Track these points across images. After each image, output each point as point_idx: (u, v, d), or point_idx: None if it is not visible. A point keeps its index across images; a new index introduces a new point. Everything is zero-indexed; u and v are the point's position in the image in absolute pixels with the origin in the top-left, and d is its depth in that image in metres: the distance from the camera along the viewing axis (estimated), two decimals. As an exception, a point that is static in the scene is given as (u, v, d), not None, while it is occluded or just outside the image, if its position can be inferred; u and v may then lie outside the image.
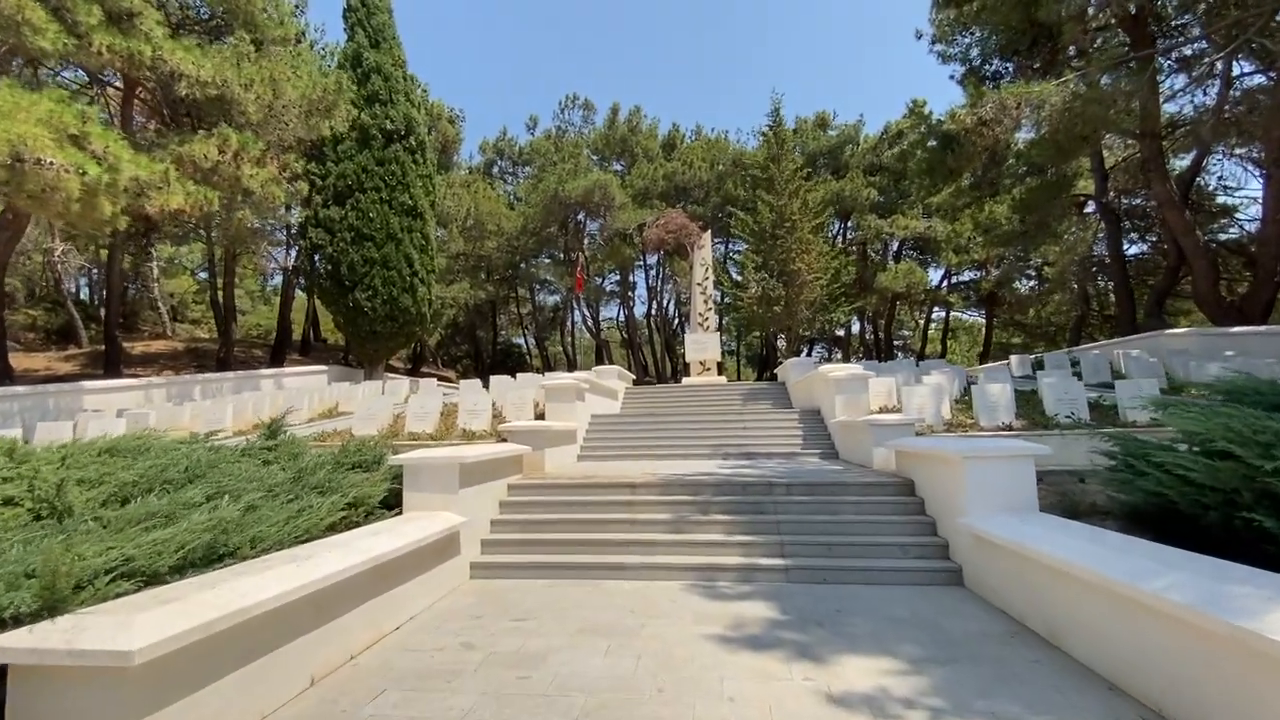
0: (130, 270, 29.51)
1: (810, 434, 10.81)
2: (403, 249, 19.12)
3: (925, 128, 17.42)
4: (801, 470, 7.91)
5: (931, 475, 5.99)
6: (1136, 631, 3.18)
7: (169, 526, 3.80)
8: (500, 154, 38.18)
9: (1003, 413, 8.80)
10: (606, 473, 7.97)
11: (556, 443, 9.16)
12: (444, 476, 5.71)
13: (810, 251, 21.19)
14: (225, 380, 16.93)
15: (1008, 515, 4.87)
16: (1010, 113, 11.80)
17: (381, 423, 10.32)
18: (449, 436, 9.62)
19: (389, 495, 5.88)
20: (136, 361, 21.83)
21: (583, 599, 5.07)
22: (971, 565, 5.12)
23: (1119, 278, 19.30)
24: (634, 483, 6.86)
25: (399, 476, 5.86)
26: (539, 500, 6.82)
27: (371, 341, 19.32)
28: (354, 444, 6.88)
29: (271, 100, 14.09)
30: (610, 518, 6.38)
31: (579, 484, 7.00)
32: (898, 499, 6.34)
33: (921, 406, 9.16)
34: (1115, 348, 16.75)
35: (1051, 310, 29.18)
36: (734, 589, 5.24)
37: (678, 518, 6.27)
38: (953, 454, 5.32)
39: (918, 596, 4.98)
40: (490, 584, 5.61)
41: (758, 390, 16.30)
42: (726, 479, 7.02)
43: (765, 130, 23.41)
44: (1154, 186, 15.59)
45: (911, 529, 5.93)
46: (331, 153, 19.11)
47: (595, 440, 11.20)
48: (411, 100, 20.32)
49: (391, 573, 4.47)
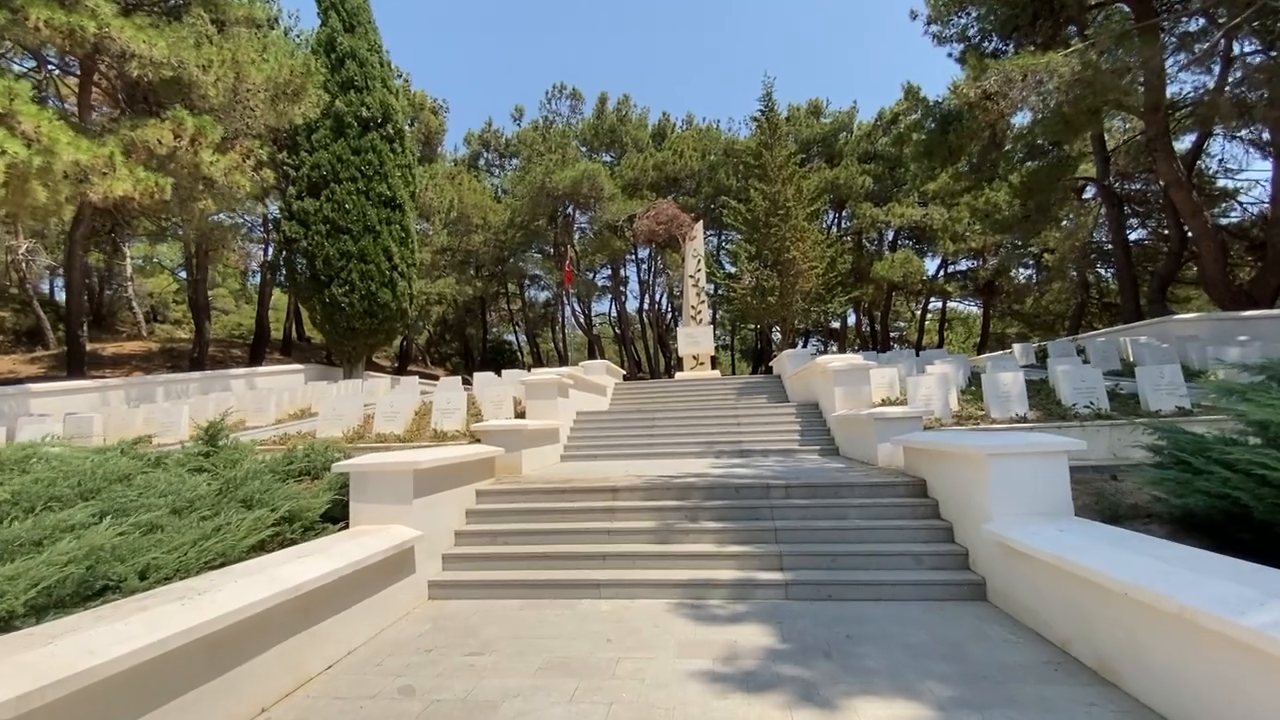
0: (103, 268, 28.60)
1: (808, 429, 10.19)
2: (381, 242, 18.32)
3: (923, 109, 16.75)
4: (800, 469, 7.26)
5: (948, 474, 5.34)
6: (1232, 678, 2.53)
7: (35, 556, 3.10)
8: (486, 145, 37.31)
9: (1016, 403, 8.16)
10: (588, 475, 7.30)
11: (536, 443, 8.48)
12: (396, 484, 5.03)
13: (805, 239, 20.52)
14: (192, 381, 16.12)
15: (1040, 521, 4.23)
16: (1016, 85, 11.11)
17: (349, 424, 9.59)
18: (419, 438, 8.92)
19: (334, 507, 5.19)
20: (107, 363, 20.99)
21: (553, 624, 4.41)
22: (997, 578, 4.48)
23: (1122, 263, 18.72)
24: (616, 486, 6.19)
25: (347, 485, 5.17)
26: (510, 508, 6.14)
27: (350, 339, 18.53)
28: (304, 449, 6.18)
29: (234, 84, 13.28)
30: (588, 527, 5.71)
31: (555, 489, 6.32)
32: (908, 501, 5.69)
33: (928, 398, 8.52)
34: (1121, 334, 16.20)
35: (1051, 299, 28.63)
36: (726, 609, 4.58)
37: (664, 526, 5.61)
38: (974, 451, 4.67)
39: (936, 615, 4.34)
40: (450, 606, 4.94)
41: (752, 384, 15.67)
42: (719, 480, 6.36)
43: (757, 115, 22.70)
44: (1160, 166, 14.98)
45: (925, 535, 5.29)
46: (305, 142, 18.29)
47: (580, 439, 10.55)
48: (389, 87, 19.49)
49: (321, 601, 3.79)
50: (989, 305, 32.45)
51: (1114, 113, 19.18)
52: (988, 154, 16.71)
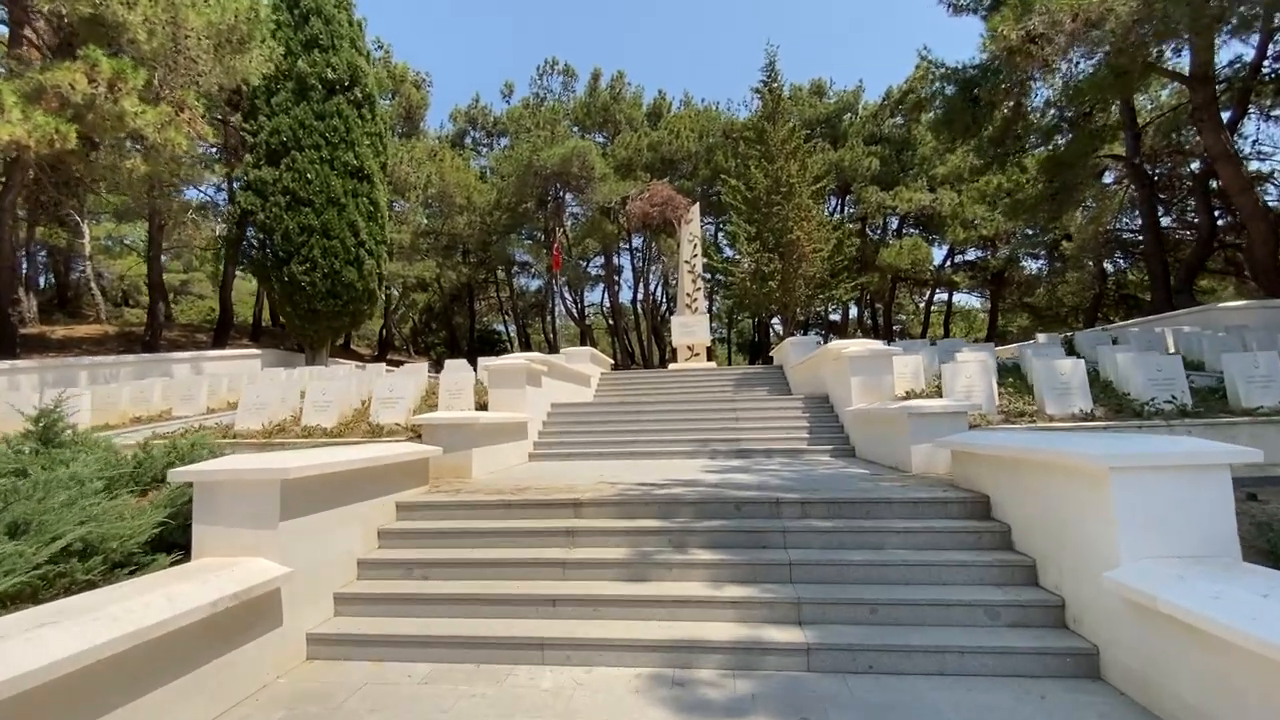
0: (65, 247, 26.96)
1: (818, 426, 8.75)
2: (346, 215, 16.71)
3: (943, 75, 15.19)
4: (815, 477, 5.80)
5: (1030, 491, 3.88)
6: None
7: None
8: (473, 123, 35.54)
9: (1077, 397, 6.69)
10: (552, 481, 5.84)
11: (493, 439, 7.01)
12: (257, 499, 3.55)
13: (810, 219, 18.96)
14: (124, 365, 14.53)
15: (1202, 571, 2.78)
16: (1064, 28, 9.59)
17: (271, 415, 8.06)
18: (352, 433, 7.41)
19: (171, 530, 3.70)
20: (54, 346, 19.41)
21: (466, 714, 2.95)
22: (1125, 650, 3.03)
23: (1152, 248, 17.26)
24: (580, 500, 4.72)
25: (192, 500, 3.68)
26: (438, 528, 4.66)
27: (311, 321, 16.93)
28: (165, 446, 4.68)
29: (171, 28, 11.66)
30: (538, 556, 4.25)
31: (502, 501, 4.84)
32: (967, 526, 4.24)
33: (969, 388, 7.04)
34: (1157, 324, 14.81)
35: (1067, 289, 27.17)
36: (723, 689, 3.13)
37: (639, 556, 4.15)
38: (1084, 461, 3.21)
39: (1033, 706, 2.90)
40: (331, 673, 3.47)
41: (752, 375, 14.23)
42: (714, 492, 4.90)
43: (759, 85, 21.10)
44: (1206, 138, 13.51)
45: (997, 576, 3.84)
46: (265, 106, 16.63)
47: (554, 435, 9.10)
48: (358, 48, 17.82)
49: (88, 692, 2.32)
50: (997, 297, 31.01)
51: (1143, 87, 17.73)
52: (1011, 126, 15.19)
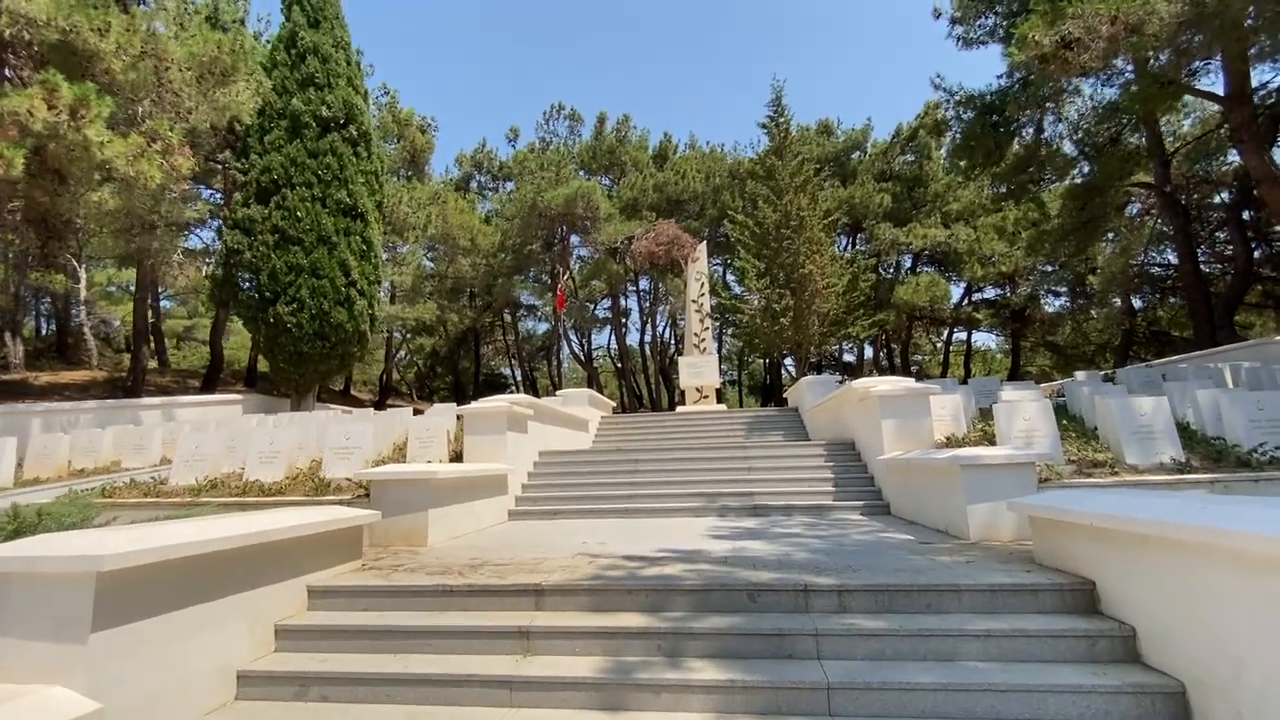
0: (61, 291, 26.68)
1: (843, 477, 7.56)
2: (338, 254, 16.01)
3: (958, 101, 14.50)
4: (850, 547, 4.61)
5: (1163, 582, 2.69)
6: None
7: None
8: (479, 167, 35.52)
9: (1164, 443, 5.48)
10: (516, 554, 4.69)
11: (459, 496, 5.88)
12: (60, 600, 2.47)
13: (822, 253, 18.04)
14: (83, 411, 13.63)
15: None
16: (1101, 33, 8.77)
17: (212, 468, 7.00)
18: (297, 490, 6.31)
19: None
20: (34, 392, 18.66)
21: None
22: None
23: (1191, 281, 16.08)
24: (541, 585, 3.57)
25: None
26: (355, 625, 3.51)
27: (297, 365, 16.04)
28: (11, 511, 3.63)
29: (152, 62, 11.21)
30: (476, 673, 3.08)
31: (440, 586, 3.70)
32: (1072, 627, 3.04)
33: (1028, 433, 5.85)
34: (1208, 360, 13.54)
35: (1095, 327, 25.87)
36: None
37: (615, 673, 2.98)
38: (1265, 545, 2.06)
39: None
40: None
41: (764, 419, 13.07)
42: (721, 573, 3.74)
43: (766, 120, 20.58)
44: (1250, 160, 12.55)
45: (1129, 708, 2.62)
46: (257, 144, 16.22)
47: (542, 488, 7.97)
48: (355, 86, 17.53)
49: None
50: (1019, 335, 29.70)
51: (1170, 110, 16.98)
52: (1034, 152, 14.34)
